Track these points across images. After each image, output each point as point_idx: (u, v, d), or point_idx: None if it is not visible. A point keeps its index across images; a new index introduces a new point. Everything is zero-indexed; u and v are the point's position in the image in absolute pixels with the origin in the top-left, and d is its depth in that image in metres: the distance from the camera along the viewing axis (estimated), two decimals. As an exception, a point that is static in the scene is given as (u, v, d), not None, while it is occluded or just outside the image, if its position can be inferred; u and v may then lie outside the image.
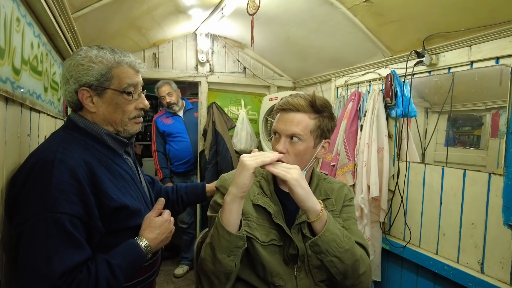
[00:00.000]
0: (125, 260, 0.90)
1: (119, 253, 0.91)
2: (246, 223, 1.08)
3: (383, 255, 2.23)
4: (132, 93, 1.01)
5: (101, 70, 0.96)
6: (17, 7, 0.97)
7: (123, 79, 0.99)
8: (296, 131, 1.05)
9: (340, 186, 1.24)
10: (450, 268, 1.77)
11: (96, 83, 0.96)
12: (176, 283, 3.03)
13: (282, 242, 1.11)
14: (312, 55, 2.74)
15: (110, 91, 0.98)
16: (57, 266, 0.77)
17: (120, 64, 0.99)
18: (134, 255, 0.93)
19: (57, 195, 0.81)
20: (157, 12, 2.26)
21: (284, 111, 1.09)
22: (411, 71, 2.00)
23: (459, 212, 1.78)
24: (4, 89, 0.87)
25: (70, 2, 1.39)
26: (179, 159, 3.16)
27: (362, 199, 2.14)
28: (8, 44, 0.90)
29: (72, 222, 0.82)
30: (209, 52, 3.23)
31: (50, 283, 0.76)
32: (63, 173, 0.83)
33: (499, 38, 1.56)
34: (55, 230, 0.79)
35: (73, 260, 0.80)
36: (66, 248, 0.80)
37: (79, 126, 0.99)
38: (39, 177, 0.83)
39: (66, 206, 0.81)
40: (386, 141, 2.14)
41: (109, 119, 1.00)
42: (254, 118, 3.51)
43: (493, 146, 1.64)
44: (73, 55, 0.99)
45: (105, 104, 0.99)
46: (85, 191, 0.86)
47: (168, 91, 3.01)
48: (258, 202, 1.12)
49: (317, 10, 2.09)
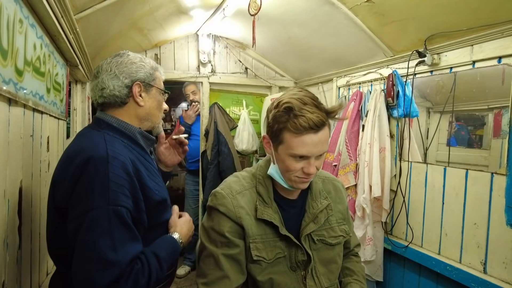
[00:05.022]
0: (168, 253, 0.99)
1: (162, 247, 0.99)
2: (254, 246, 1.00)
3: (385, 255, 2.23)
4: (165, 94, 1.16)
5: (149, 69, 1.10)
6: (20, 8, 0.98)
7: (161, 81, 1.16)
8: (326, 149, 0.97)
9: (334, 186, 1.20)
10: (452, 268, 1.76)
11: (147, 80, 1.08)
12: (178, 283, 3.03)
13: (287, 252, 1.05)
14: (314, 55, 2.74)
15: (155, 89, 1.11)
16: (125, 254, 0.84)
17: (157, 69, 1.15)
18: (173, 249, 1.03)
19: (115, 189, 0.86)
20: (159, 13, 2.26)
21: (312, 131, 0.91)
22: (412, 71, 1.99)
23: (462, 212, 1.77)
24: (7, 90, 0.88)
25: (72, 3, 1.39)
26: (193, 156, 3.31)
27: (364, 199, 2.14)
28: (11, 45, 0.90)
29: (128, 215, 0.88)
30: (211, 52, 3.24)
31: (119, 270, 0.83)
32: (118, 169, 0.89)
33: (501, 37, 1.56)
34: (116, 222, 0.85)
35: (135, 250, 0.88)
36: (127, 239, 0.87)
37: (112, 126, 1.03)
38: (96, 172, 0.87)
39: (124, 199, 0.87)
40: (388, 141, 2.14)
41: (152, 114, 1.12)
42: (256, 118, 3.51)
43: (496, 145, 1.64)
44: (118, 55, 1.08)
45: (151, 100, 1.10)
46: (135, 185, 0.92)
47: (193, 89, 3.32)
48: (264, 217, 1.02)
49: (319, 10, 2.09)
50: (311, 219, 1.08)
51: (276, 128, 0.95)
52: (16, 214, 1.02)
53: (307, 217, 1.08)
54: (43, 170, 1.35)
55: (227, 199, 1.01)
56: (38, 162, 1.28)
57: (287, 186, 1.03)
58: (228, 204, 1.00)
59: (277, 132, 0.95)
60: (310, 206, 1.10)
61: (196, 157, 3.30)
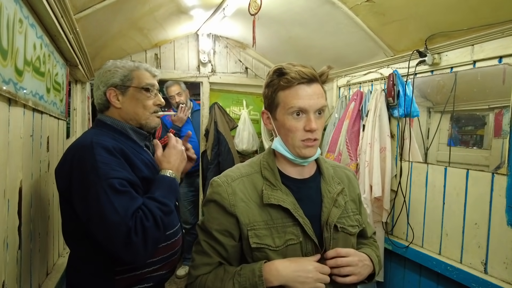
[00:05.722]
0: (163, 189, 1.11)
1: (155, 187, 1.12)
2: (253, 233, 0.95)
3: (385, 255, 2.23)
4: (150, 91, 1.23)
5: (124, 72, 1.20)
6: (20, 8, 0.98)
7: (142, 79, 1.22)
8: (324, 104, 0.95)
9: (346, 174, 1.15)
10: (453, 268, 1.76)
11: (120, 83, 1.20)
12: (179, 283, 3.03)
13: (303, 238, 0.96)
14: (314, 55, 2.74)
15: (132, 89, 1.21)
16: (125, 211, 0.98)
17: (139, 68, 1.23)
18: (165, 182, 1.14)
19: (103, 167, 1.01)
20: (159, 13, 2.26)
21: (304, 83, 0.93)
22: (413, 70, 1.99)
23: (462, 212, 1.77)
24: (7, 90, 0.88)
25: (72, 3, 1.39)
26: None
27: (365, 199, 2.13)
28: (11, 45, 0.90)
29: (121, 183, 1.02)
30: (211, 52, 3.23)
31: (126, 226, 0.97)
32: (102, 151, 1.03)
33: (502, 37, 1.55)
34: (111, 191, 0.99)
35: (132, 205, 1.01)
36: (126, 200, 1.01)
37: (106, 123, 1.20)
38: (83, 157, 1.03)
39: (113, 173, 1.02)
40: (388, 141, 2.14)
41: (133, 113, 1.21)
42: (256, 118, 3.50)
43: (496, 145, 1.64)
44: (102, 67, 1.24)
45: (128, 100, 1.21)
46: (122, 162, 1.07)
47: (177, 91, 3.05)
48: (270, 201, 0.96)
49: (319, 10, 2.09)
50: (331, 204, 1.01)
51: (271, 93, 0.98)
52: (16, 214, 1.02)
53: (327, 202, 1.01)
54: (43, 170, 1.35)
55: (222, 186, 0.98)
56: (38, 162, 1.27)
57: (292, 157, 0.98)
58: (222, 192, 0.97)
59: (273, 96, 0.97)
60: (326, 191, 1.03)
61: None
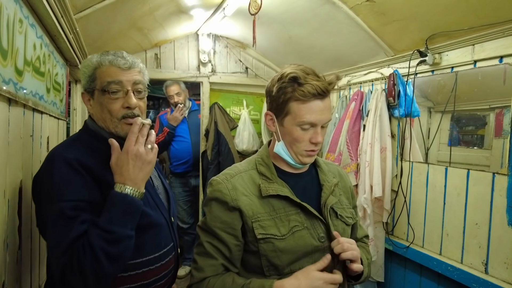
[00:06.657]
0: (110, 211, 0.88)
1: (103, 209, 0.89)
2: (258, 225, 0.96)
3: (386, 256, 2.22)
4: (115, 92, 0.98)
5: (88, 72, 1.01)
6: (20, 8, 0.97)
7: (103, 78, 0.99)
8: (330, 118, 0.98)
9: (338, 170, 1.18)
10: (454, 269, 1.76)
11: (87, 86, 1.02)
12: (179, 283, 3.03)
13: (308, 223, 1.00)
14: (314, 55, 2.73)
15: (96, 92, 1.01)
16: (58, 246, 0.85)
17: (101, 63, 1.00)
18: (115, 202, 0.89)
19: (58, 187, 0.88)
20: (158, 12, 2.26)
21: (319, 98, 0.94)
22: (414, 70, 1.99)
23: (463, 212, 1.77)
24: (7, 90, 0.87)
25: (72, 3, 1.39)
26: (178, 159, 3.19)
27: (365, 199, 2.13)
28: (11, 45, 0.90)
29: (74, 206, 0.87)
30: (211, 52, 3.23)
31: (58, 263, 0.84)
32: (62, 166, 0.90)
33: (502, 37, 1.55)
34: (58, 217, 0.86)
35: (70, 236, 0.85)
36: (64, 230, 0.85)
37: (89, 128, 1.05)
38: (45, 173, 0.92)
39: (67, 194, 0.88)
40: (389, 141, 2.13)
41: (102, 120, 1.02)
42: (256, 118, 3.50)
43: (497, 145, 1.63)
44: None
45: (96, 105, 1.02)
46: (86, 179, 0.91)
47: (177, 91, 3.11)
48: (269, 193, 0.98)
49: (319, 10, 2.08)
50: (329, 192, 1.05)
51: (282, 100, 0.96)
52: (16, 214, 1.02)
53: (326, 189, 1.05)
54: (43, 170, 1.35)
55: (222, 184, 0.99)
56: (38, 162, 1.27)
57: (293, 162, 1.01)
58: (223, 189, 0.98)
59: (283, 103, 0.96)
60: (324, 180, 1.08)
61: (181, 159, 3.18)
